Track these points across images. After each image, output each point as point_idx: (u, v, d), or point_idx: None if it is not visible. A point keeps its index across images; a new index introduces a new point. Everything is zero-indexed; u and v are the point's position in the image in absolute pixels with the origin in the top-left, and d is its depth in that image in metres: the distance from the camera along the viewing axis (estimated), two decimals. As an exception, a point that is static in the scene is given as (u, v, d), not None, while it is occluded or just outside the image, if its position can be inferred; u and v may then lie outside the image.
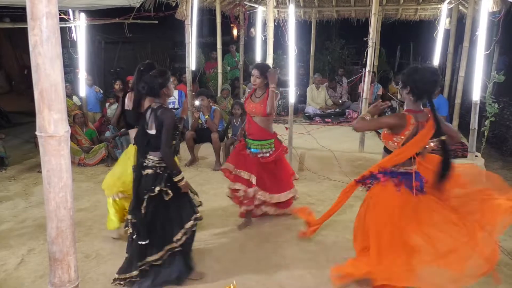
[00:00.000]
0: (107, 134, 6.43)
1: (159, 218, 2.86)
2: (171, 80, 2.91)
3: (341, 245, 3.57)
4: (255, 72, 3.64)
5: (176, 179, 2.80)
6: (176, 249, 2.90)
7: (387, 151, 2.73)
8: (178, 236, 2.86)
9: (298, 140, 5.86)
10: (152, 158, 2.81)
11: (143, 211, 2.77)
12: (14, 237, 3.76)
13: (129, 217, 2.88)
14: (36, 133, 1.26)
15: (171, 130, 2.75)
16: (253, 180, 3.69)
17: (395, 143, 2.61)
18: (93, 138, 6.38)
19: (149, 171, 2.80)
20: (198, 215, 2.99)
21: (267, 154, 3.75)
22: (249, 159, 3.75)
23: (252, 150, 3.74)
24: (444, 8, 7.06)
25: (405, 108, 2.71)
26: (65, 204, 1.32)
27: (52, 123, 1.25)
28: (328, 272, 3.14)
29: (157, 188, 2.75)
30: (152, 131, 2.77)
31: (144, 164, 2.81)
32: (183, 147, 6.15)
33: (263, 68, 3.66)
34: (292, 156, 5.43)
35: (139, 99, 3.17)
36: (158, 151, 2.77)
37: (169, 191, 2.78)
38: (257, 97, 3.73)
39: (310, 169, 5.46)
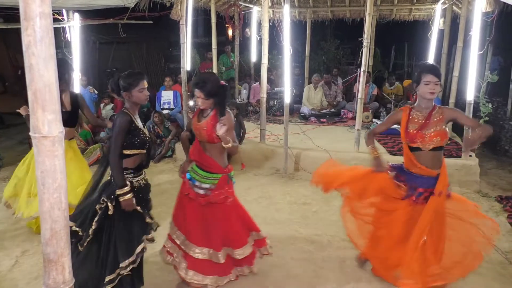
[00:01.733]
0: (102, 134, 6.41)
1: (110, 235, 2.47)
2: (145, 85, 2.49)
3: (336, 245, 3.59)
4: (199, 94, 2.63)
5: (118, 191, 2.40)
6: (126, 274, 2.45)
7: None
8: (125, 263, 2.41)
9: (293, 140, 5.87)
10: None
11: (93, 226, 2.40)
12: (8, 239, 3.73)
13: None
14: (30, 134, 1.26)
15: (119, 137, 2.42)
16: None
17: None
18: (87, 138, 6.36)
19: (109, 177, 2.54)
20: (150, 236, 2.63)
21: (202, 191, 2.74)
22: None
23: (191, 180, 2.80)
24: (438, 8, 7.11)
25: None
26: (60, 205, 1.31)
27: (46, 124, 1.24)
28: (324, 271, 3.16)
29: (102, 198, 2.43)
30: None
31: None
32: (179, 148, 6.14)
33: (210, 89, 2.61)
34: (288, 156, 5.45)
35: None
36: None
37: (110, 206, 2.40)
38: (204, 116, 2.75)
39: (306, 169, 5.47)
